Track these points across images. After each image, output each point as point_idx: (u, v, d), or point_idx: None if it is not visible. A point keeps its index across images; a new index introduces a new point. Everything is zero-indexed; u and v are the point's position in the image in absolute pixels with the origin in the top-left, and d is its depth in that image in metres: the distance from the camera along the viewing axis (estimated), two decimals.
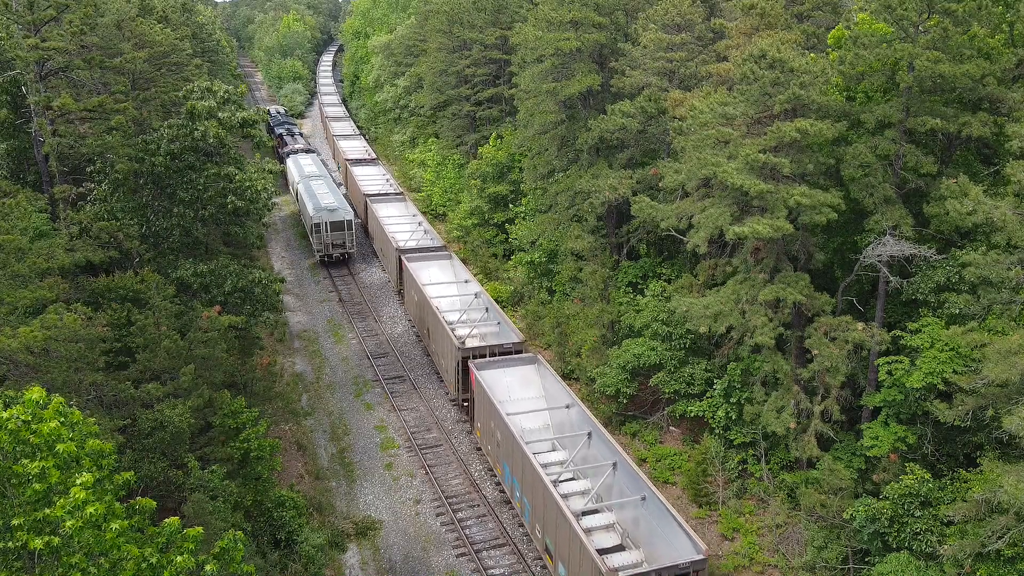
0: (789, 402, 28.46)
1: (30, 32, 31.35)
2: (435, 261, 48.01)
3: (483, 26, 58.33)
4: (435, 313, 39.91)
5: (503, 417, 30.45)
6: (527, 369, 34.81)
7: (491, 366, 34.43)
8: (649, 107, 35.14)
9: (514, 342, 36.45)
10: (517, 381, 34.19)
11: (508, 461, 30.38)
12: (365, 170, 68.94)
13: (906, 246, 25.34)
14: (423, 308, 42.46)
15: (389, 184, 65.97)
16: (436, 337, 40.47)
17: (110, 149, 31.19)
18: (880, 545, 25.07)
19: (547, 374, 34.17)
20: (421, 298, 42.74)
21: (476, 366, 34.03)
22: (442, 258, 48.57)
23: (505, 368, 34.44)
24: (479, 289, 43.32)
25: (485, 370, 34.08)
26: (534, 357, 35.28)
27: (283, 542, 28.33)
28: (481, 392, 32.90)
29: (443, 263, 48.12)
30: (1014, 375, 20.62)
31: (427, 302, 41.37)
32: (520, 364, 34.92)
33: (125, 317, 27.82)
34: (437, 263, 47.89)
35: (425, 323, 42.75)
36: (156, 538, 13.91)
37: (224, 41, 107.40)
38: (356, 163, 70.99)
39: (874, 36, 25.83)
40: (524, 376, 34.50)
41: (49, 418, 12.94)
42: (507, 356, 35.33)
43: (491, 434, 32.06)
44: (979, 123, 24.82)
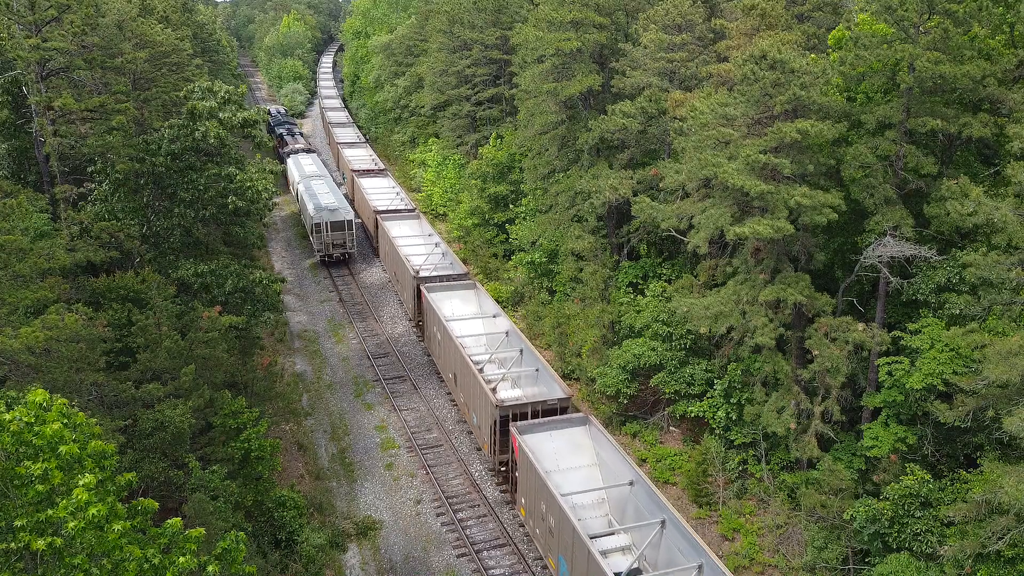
0: (789, 402, 28.48)
1: (31, 32, 31.36)
2: (458, 291, 42.91)
3: (483, 26, 58.34)
4: (463, 357, 35.16)
5: (559, 502, 25.58)
6: (577, 433, 30.04)
7: (536, 429, 29.77)
8: (650, 107, 35.15)
9: (559, 397, 31.90)
10: (567, 447, 29.39)
11: (567, 556, 25.46)
12: (373, 183, 64.07)
13: (906, 247, 25.36)
14: (447, 348, 37.90)
15: (400, 199, 60.84)
16: (466, 386, 35.35)
17: (111, 149, 31.21)
18: (880, 546, 25.10)
19: (600, 438, 29.33)
20: (445, 336, 38.13)
21: (519, 429, 29.46)
22: (466, 287, 43.46)
23: (552, 431, 29.78)
24: (509, 326, 38.31)
25: (529, 434, 29.37)
26: (585, 418, 30.47)
27: (283, 542, 28.37)
28: (528, 465, 27.81)
29: (467, 294, 43.10)
30: (1014, 376, 20.64)
31: (452, 342, 36.78)
32: (569, 426, 30.17)
33: (126, 317, 27.86)
34: (460, 293, 42.89)
35: (450, 366, 37.67)
36: (158, 539, 13.93)
37: (224, 41, 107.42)
38: (363, 174, 66.06)
39: (875, 37, 25.83)
40: (574, 441, 29.67)
41: (52, 420, 12.96)
42: (554, 418, 30.53)
43: (541, 517, 27.32)
44: (980, 124, 24.84)
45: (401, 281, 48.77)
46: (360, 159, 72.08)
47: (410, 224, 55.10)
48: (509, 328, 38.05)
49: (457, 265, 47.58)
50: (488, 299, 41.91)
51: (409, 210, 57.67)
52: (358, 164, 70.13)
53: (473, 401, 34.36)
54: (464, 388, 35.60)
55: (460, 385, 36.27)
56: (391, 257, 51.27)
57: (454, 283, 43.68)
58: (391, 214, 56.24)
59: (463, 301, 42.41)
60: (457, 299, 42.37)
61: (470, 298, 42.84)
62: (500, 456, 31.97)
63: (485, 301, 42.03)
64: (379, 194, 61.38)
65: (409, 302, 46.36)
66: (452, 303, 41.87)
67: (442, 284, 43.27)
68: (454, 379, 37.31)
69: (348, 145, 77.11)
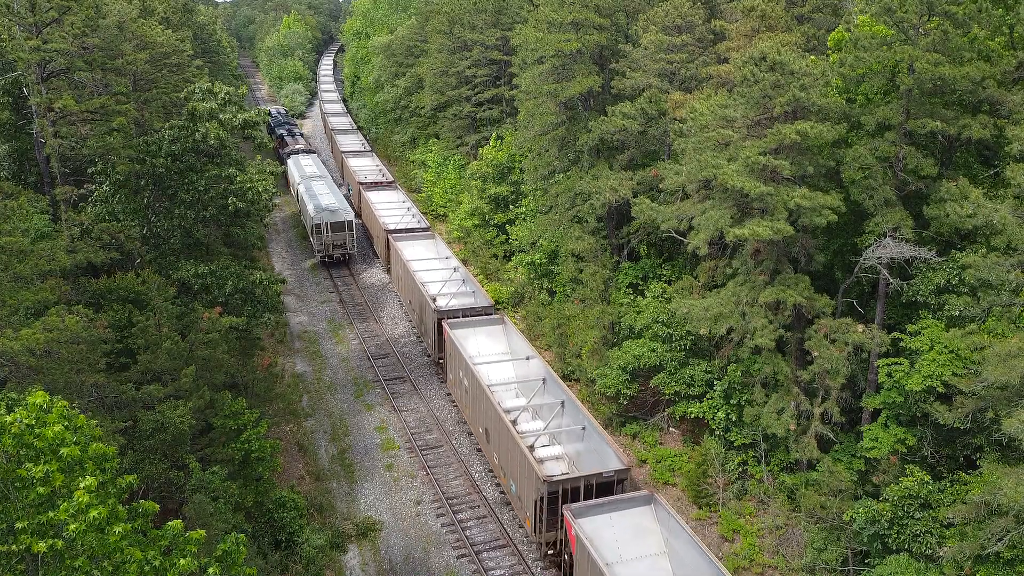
0: (789, 404, 28.51)
1: (32, 33, 31.40)
2: (484, 327, 39.11)
3: (484, 27, 58.37)
4: (497, 412, 30.81)
5: None
6: (642, 515, 26.33)
7: (594, 511, 26.01)
8: (650, 109, 35.18)
9: (617, 469, 27.59)
10: (630, 533, 25.96)
11: None
12: (382, 196, 60.59)
13: (906, 248, 25.38)
14: (477, 398, 33.43)
15: (412, 215, 56.95)
16: (502, 448, 30.49)
17: (111, 150, 31.25)
18: (880, 547, 25.12)
19: (670, 522, 25.68)
20: (473, 383, 33.74)
21: (574, 512, 25.60)
22: (493, 323, 39.65)
23: (612, 514, 26.16)
24: (546, 371, 34.10)
25: (586, 518, 25.74)
26: (649, 496, 26.56)
27: (284, 543, 28.41)
28: (586, 557, 24.54)
29: (494, 330, 39.27)
30: (1014, 377, 20.66)
31: (483, 392, 32.44)
32: (632, 507, 26.51)
33: (126, 318, 27.90)
34: (487, 330, 39.07)
35: (481, 418, 32.96)
36: (159, 541, 13.96)
37: (225, 42, 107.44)
38: (372, 187, 62.52)
39: (874, 38, 25.85)
40: (639, 526, 26.20)
41: (53, 422, 12.99)
42: (615, 498, 26.64)
43: None
44: (979, 125, 24.86)
45: (419, 312, 44.20)
46: (367, 170, 68.69)
47: (425, 245, 51.03)
48: (546, 374, 34.16)
49: (480, 295, 43.20)
50: (518, 336, 37.99)
51: (423, 229, 53.78)
52: (364, 174, 66.68)
53: (512, 467, 29.83)
54: (500, 449, 31.00)
55: (494, 444, 31.84)
56: (406, 284, 46.96)
57: (480, 318, 39.73)
58: (404, 233, 52.22)
59: (491, 339, 38.59)
60: (484, 336, 38.57)
61: (498, 335, 38.98)
62: (547, 535, 27.85)
63: (515, 339, 38.07)
64: (390, 210, 57.79)
65: (429, 336, 41.90)
66: (478, 340, 38.12)
67: (467, 320, 39.32)
68: (485, 435, 32.99)
69: (353, 154, 73.42)
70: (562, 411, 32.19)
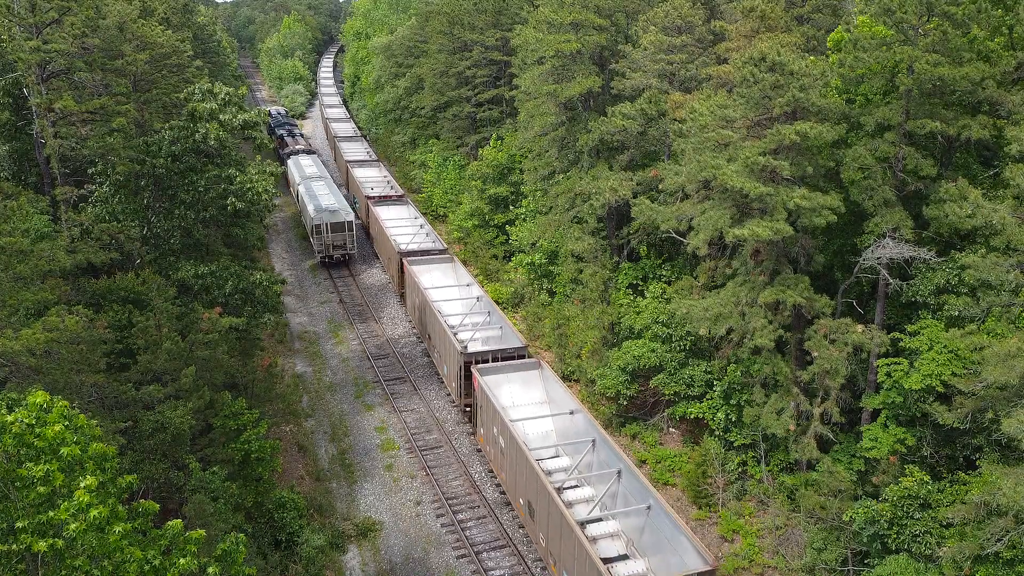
0: (789, 404, 28.53)
1: (32, 34, 31.42)
2: (519, 373, 34.20)
3: (484, 27, 58.41)
4: (547, 489, 26.07)
5: None
6: None
7: None
8: (649, 109, 35.20)
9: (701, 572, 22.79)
10: None
11: None
12: (393, 212, 56.97)
13: (906, 248, 25.41)
14: (516, 463, 29.00)
15: (427, 234, 52.69)
16: (554, 532, 25.97)
17: (111, 151, 31.25)
18: (879, 547, 25.13)
19: None
20: (511, 443, 29.23)
21: None
22: (528, 368, 34.43)
23: None
24: (596, 431, 29.79)
25: None
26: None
27: (283, 543, 28.42)
28: None
29: (530, 376, 34.17)
30: (1013, 378, 20.67)
31: (525, 457, 27.84)
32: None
33: (126, 319, 27.90)
34: (522, 376, 34.14)
35: (522, 487, 28.73)
36: (159, 540, 13.97)
37: (225, 42, 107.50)
38: (381, 202, 58.67)
39: (874, 39, 25.88)
40: None
41: (53, 421, 13.01)
42: None
43: None
44: (979, 126, 24.88)
45: (440, 349, 39.30)
46: (374, 181, 64.70)
47: (443, 270, 46.46)
48: (596, 435, 29.68)
49: (509, 331, 38.34)
50: (557, 383, 33.16)
51: (440, 251, 49.31)
52: (371, 185, 62.71)
53: (568, 561, 24.87)
54: (551, 534, 26.10)
55: (542, 525, 26.80)
56: (424, 316, 41.84)
57: (514, 363, 34.81)
58: (420, 256, 47.63)
59: (526, 387, 33.89)
60: (518, 384, 33.86)
61: (534, 383, 34.07)
62: None
63: (554, 387, 33.26)
64: (401, 227, 53.79)
65: (453, 380, 36.97)
66: (512, 389, 33.42)
67: (499, 366, 34.49)
68: (528, 510, 28.10)
69: (359, 164, 69.38)
70: (618, 481, 27.54)
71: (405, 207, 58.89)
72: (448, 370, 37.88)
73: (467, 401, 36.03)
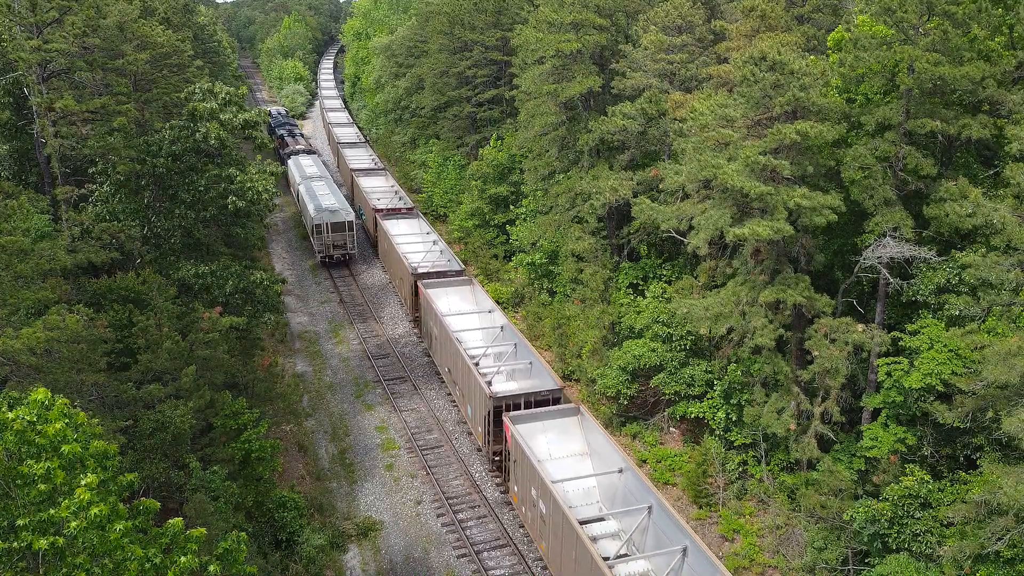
0: (789, 403, 28.53)
1: (32, 34, 31.43)
2: (556, 420, 30.35)
3: (484, 27, 58.40)
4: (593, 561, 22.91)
5: None
6: None
7: None
8: (650, 109, 35.22)
9: None
10: None
11: None
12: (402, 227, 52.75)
13: (906, 248, 25.41)
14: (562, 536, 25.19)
15: (440, 251, 48.34)
16: None
17: (112, 150, 31.27)
18: (880, 546, 25.13)
19: None
20: (555, 510, 25.57)
21: None
22: (565, 415, 30.71)
23: None
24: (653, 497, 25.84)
25: None
26: None
27: (284, 543, 28.42)
28: None
29: (567, 424, 30.37)
30: (1013, 377, 20.68)
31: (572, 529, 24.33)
32: None
33: (126, 318, 27.91)
34: (559, 424, 30.32)
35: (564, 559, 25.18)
36: (159, 539, 13.98)
37: (225, 42, 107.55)
38: (389, 215, 54.82)
39: (874, 38, 25.89)
40: None
41: (54, 419, 13.01)
42: None
43: None
44: (979, 125, 24.89)
45: (463, 387, 35.19)
46: (381, 191, 60.88)
47: (461, 293, 42.53)
48: (654, 501, 25.73)
49: (540, 367, 34.05)
50: (600, 435, 29.29)
51: (457, 273, 45.10)
52: (378, 196, 59.14)
53: None
54: None
55: None
56: (444, 347, 37.97)
57: (551, 409, 30.85)
58: (436, 279, 43.43)
59: (564, 436, 30.14)
60: (556, 433, 30.15)
61: (573, 432, 30.30)
62: None
63: (596, 439, 29.44)
64: (414, 244, 50.04)
65: (479, 424, 33.13)
66: (549, 439, 29.77)
67: (535, 413, 30.54)
68: None
69: (365, 173, 65.77)
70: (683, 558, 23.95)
71: (416, 221, 55.21)
72: (473, 412, 33.91)
73: (495, 448, 32.19)
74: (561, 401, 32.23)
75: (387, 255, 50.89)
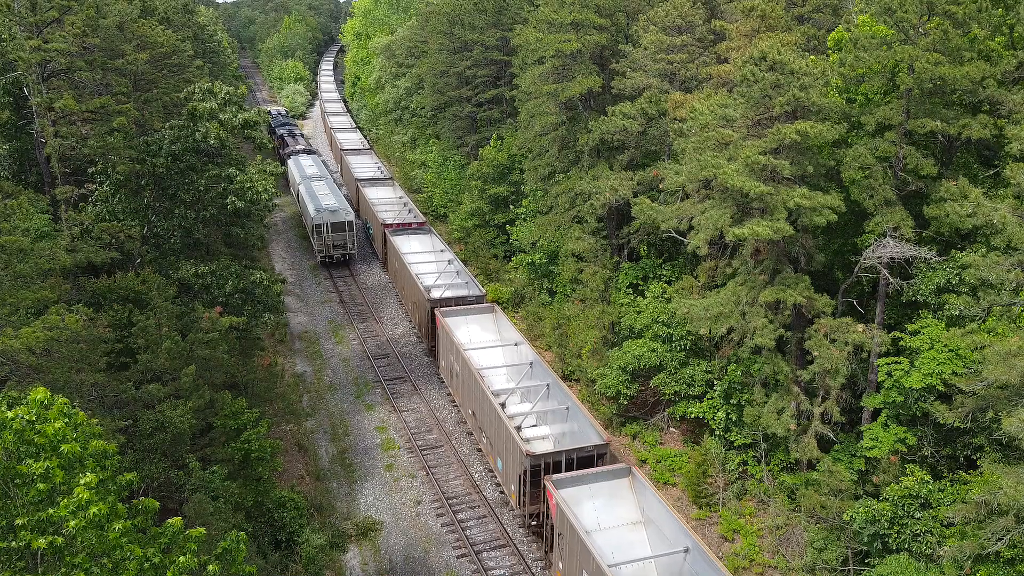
0: (789, 403, 28.51)
1: (32, 34, 31.42)
2: (604, 484, 26.88)
3: (484, 27, 58.38)
4: None
5: None
6: None
7: None
8: (650, 109, 35.19)
9: None
10: None
11: None
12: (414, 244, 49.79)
13: (906, 248, 25.39)
14: None
15: (456, 272, 44.93)
16: None
17: (112, 150, 31.24)
18: (880, 547, 25.11)
19: None
20: None
21: None
22: (617, 476, 27.10)
23: None
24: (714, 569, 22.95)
25: None
26: None
27: (284, 543, 28.40)
28: None
29: (619, 487, 26.95)
30: (1014, 377, 20.66)
31: None
32: None
33: (126, 318, 27.88)
34: (608, 487, 26.83)
35: None
36: (159, 538, 13.94)
37: (225, 42, 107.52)
38: (399, 230, 51.72)
39: (874, 38, 25.88)
40: None
41: (54, 418, 12.99)
42: None
43: None
44: (979, 125, 24.87)
45: (490, 433, 31.72)
46: (388, 203, 57.30)
47: (482, 323, 38.83)
48: None
49: (578, 411, 30.31)
50: (655, 499, 25.75)
51: (477, 299, 41.25)
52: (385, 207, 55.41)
53: None
54: None
55: None
56: (468, 387, 34.22)
57: (600, 472, 27.19)
58: (454, 305, 39.93)
59: (615, 502, 26.43)
60: (605, 498, 26.46)
61: (625, 497, 26.70)
62: None
63: (651, 504, 25.85)
64: (427, 264, 46.41)
65: (512, 482, 29.43)
66: (595, 505, 26.26)
67: (581, 475, 26.86)
68: None
69: (370, 183, 62.70)
70: None
71: (429, 237, 51.56)
72: (505, 467, 30.07)
73: (533, 510, 28.59)
74: (607, 457, 28.49)
75: (398, 276, 47.59)
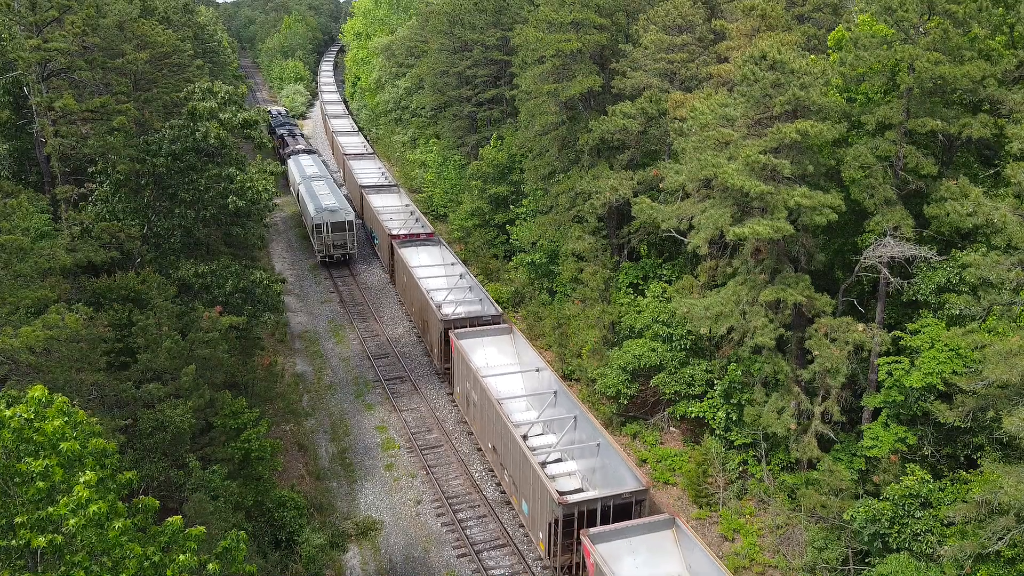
0: (789, 403, 28.50)
1: (32, 33, 31.42)
2: (647, 535, 24.93)
3: (484, 27, 58.38)
4: None
5: None
6: None
7: None
8: (650, 108, 35.18)
9: None
10: None
11: None
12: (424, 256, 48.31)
13: (906, 247, 25.38)
14: None
15: (469, 287, 42.84)
16: None
17: (112, 150, 31.24)
18: (880, 546, 25.09)
19: None
20: None
21: None
22: (659, 528, 25.08)
23: None
24: None
25: None
26: None
27: (284, 542, 28.39)
28: None
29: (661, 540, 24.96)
30: (1014, 376, 20.64)
31: None
32: None
33: (126, 317, 27.88)
34: (648, 541, 24.86)
35: None
36: (158, 537, 13.94)
37: (225, 42, 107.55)
38: (407, 241, 49.38)
39: (874, 38, 25.87)
40: None
41: (53, 416, 12.98)
42: None
43: None
44: (979, 124, 24.86)
45: (513, 472, 29.49)
46: (394, 211, 55.45)
47: (499, 344, 36.66)
48: None
49: (611, 451, 28.06)
50: (701, 552, 23.72)
51: (494, 319, 38.80)
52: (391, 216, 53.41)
53: None
54: None
55: None
56: (486, 414, 32.20)
57: (641, 523, 25.01)
58: (470, 327, 37.68)
59: (656, 556, 24.48)
60: (645, 553, 24.40)
61: (668, 548, 24.68)
62: None
63: (697, 558, 23.93)
64: (436, 278, 44.08)
65: (540, 528, 27.31)
66: (637, 561, 24.25)
67: (622, 529, 24.64)
68: None
69: (375, 190, 60.41)
70: None
71: (438, 249, 49.20)
72: (532, 512, 27.77)
73: (565, 560, 26.51)
74: (646, 503, 26.21)
75: (407, 291, 45.42)
